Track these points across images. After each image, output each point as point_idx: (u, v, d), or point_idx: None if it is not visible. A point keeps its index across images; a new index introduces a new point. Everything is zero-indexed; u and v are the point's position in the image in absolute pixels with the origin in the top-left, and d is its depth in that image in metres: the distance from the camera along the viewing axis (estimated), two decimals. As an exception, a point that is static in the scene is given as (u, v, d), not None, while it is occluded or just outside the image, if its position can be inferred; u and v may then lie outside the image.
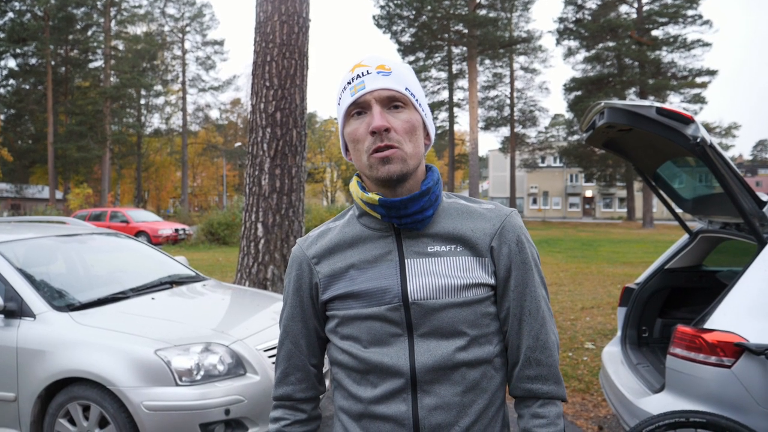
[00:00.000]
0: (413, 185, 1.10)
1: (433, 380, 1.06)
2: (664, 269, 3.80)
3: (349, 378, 1.12)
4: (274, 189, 5.84)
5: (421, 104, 1.10)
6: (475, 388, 1.08)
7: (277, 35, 5.90)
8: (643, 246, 19.33)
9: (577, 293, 9.20)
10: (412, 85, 1.09)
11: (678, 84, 34.24)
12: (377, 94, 1.05)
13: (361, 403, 1.10)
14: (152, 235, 20.43)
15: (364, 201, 1.11)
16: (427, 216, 1.10)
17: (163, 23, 46.81)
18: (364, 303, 1.09)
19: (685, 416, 2.36)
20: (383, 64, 1.07)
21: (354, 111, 1.08)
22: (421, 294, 1.07)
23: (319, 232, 1.21)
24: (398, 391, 1.07)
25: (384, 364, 1.07)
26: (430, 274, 1.08)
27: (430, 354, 1.06)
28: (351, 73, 1.08)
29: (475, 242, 1.10)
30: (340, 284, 1.12)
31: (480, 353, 1.08)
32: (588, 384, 4.73)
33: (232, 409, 2.98)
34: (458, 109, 44.00)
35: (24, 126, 42.68)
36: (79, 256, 4.37)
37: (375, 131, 1.03)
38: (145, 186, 56.91)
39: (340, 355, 1.13)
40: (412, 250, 1.10)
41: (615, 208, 60.87)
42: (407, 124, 1.06)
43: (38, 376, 3.09)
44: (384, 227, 1.12)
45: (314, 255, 1.17)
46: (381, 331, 1.08)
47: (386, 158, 1.04)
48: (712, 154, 2.52)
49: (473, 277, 1.08)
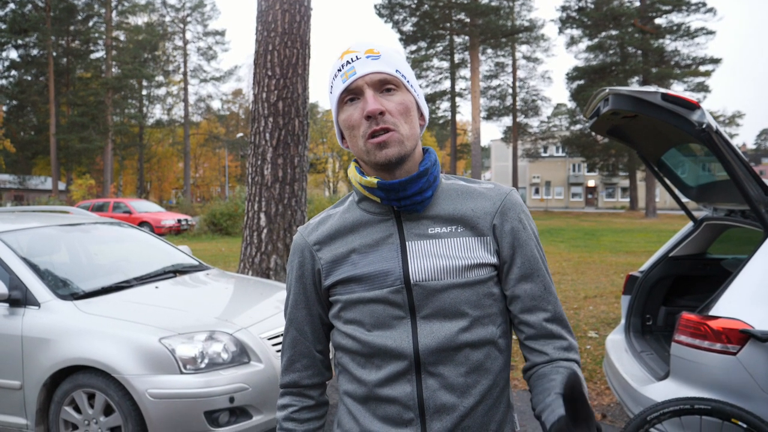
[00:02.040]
0: (411, 167, 1.09)
1: (436, 361, 1.06)
2: (669, 257, 3.79)
3: (354, 362, 1.12)
4: (277, 179, 5.83)
5: (413, 85, 1.10)
6: (479, 369, 1.08)
7: (279, 24, 5.86)
8: (646, 235, 19.30)
9: (580, 282, 9.19)
10: (402, 67, 1.08)
11: (681, 72, 34.01)
12: (369, 78, 1.04)
13: (366, 386, 1.10)
14: (155, 226, 20.47)
15: (363, 185, 1.11)
16: (426, 197, 1.10)
17: (164, 13, 46.66)
18: (366, 286, 1.09)
19: (689, 403, 2.36)
20: (372, 48, 1.07)
21: (347, 98, 1.07)
22: (423, 275, 1.07)
23: (319, 219, 1.21)
24: (403, 373, 1.07)
25: (387, 347, 1.07)
26: (431, 256, 1.08)
27: (434, 335, 1.06)
28: (340, 60, 1.07)
29: (476, 222, 1.10)
30: (342, 269, 1.12)
31: (483, 334, 1.08)
32: (591, 372, 4.73)
33: (236, 397, 2.99)
34: (460, 99, 43.85)
35: (26, 117, 42.71)
36: (83, 245, 4.37)
37: (370, 115, 1.02)
38: (148, 177, 56.96)
39: (344, 340, 1.13)
40: (412, 232, 1.10)
41: (618, 197, 60.76)
42: (401, 105, 1.05)
43: (43, 365, 3.11)
44: (384, 211, 1.12)
45: (315, 241, 1.17)
46: (384, 314, 1.08)
47: (383, 142, 1.03)
48: (717, 140, 2.50)
49: (475, 257, 1.08)
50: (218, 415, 2.98)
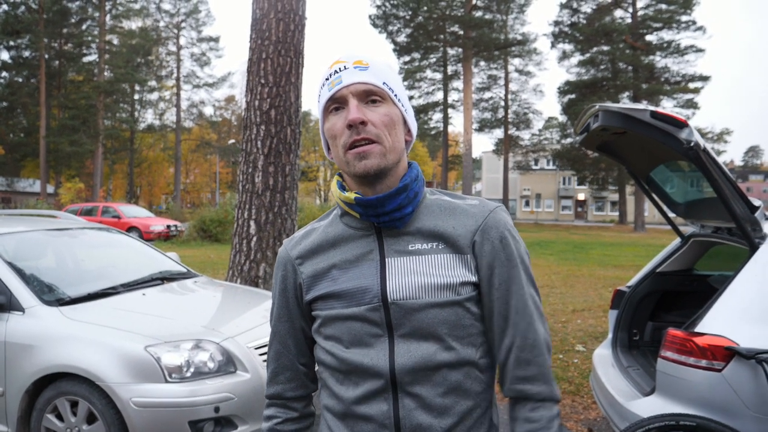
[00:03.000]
0: (393, 182, 1.08)
1: (413, 381, 1.05)
2: (656, 272, 3.81)
3: (333, 378, 1.12)
4: (268, 187, 5.81)
5: (401, 99, 1.09)
6: (457, 390, 1.06)
7: (273, 32, 5.88)
8: (635, 249, 19.43)
9: (569, 296, 9.23)
10: (390, 80, 1.07)
11: (671, 89, 34.50)
12: (354, 88, 1.04)
13: (344, 403, 1.09)
14: (144, 231, 20.33)
15: (342, 200, 1.10)
16: (406, 213, 1.08)
17: (158, 18, 46.64)
18: (344, 303, 1.08)
19: (675, 419, 2.37)
20: (360, 60, 1.06)
21: (332, 106, 1.06)
22: (401, 294, 1.05)
23: (303, 232, 1.21)
24: (379, 392, 1.06)
25: (364, 365, 1.06)
26: (410, 273, 1.06)
27: (410, 355, 1.04)
28: (329, 69, 1.07)
29: (456, 239, 1.08)
30: (322, 284, 1.11)
31: (462, 354, 1.06)
32: (578, 386, 4.74)
33: (221, 407, 2.96)
34: (453, 111, 44.06)
35: (16, 119, 42.39)
36: (70, 250, 4.33)
37: (351, 124, 1.02)
38: (138, 182, 56.62)
39: (324, 355, 1.12)
40: (392, 248, 1.09)
41: (607, 211, 61.19)
42: (386, 117, 1.04)
43: (26, 371, 3.06)
44: (365, 226, 1.11)
45: (298, 255, 1.17)
46: (361, 331, 1.07)
47: (363, 153, 1.02)
48: (705, 158, 2.53)
49: (455, 276, 1.06)
50: (203, 425, 2.94)
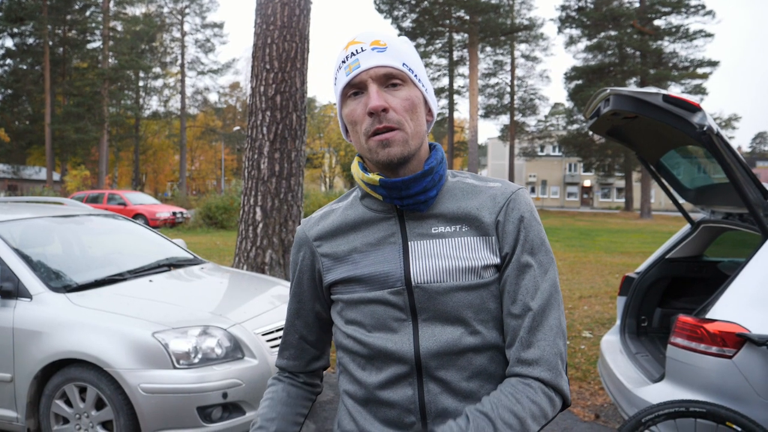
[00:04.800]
0: (416, 165, 1.05)
1: (438, 366, 1.03)
2: (665, 259, 3.78)
3: (354, 363, 1.10)
4: (273, 173, 5.80)
5: (421, 79, 1.05)
6: (482, 374, 1.04)
7: (278, 17, 5.83)
8: (641, 236, 19.36)
9: (575, 282, 9.21)
10: (409, 60, 1.03)
11: (679, 74, 34.11)
12: (373, 72, 0.99)
13: (367, 388, 1.08)
14: (150, 218, 20.39)
15: (365, 182, 1.07)
16: (431, 197, 1.05)
17: (162, 5, 46.37)
18: (367, 287, 1.06)
19: (684, 406, 2.35)
20: (378, 40, 1.02)
21: (350, 92, 1.03)
22: (425, 277, 1.03)
23: (321, 213, 1.18)
24: (404, 377, 1.04)
25: (388, 350, 1.04)
26: (434, 257, 1.04)
27: (435, 339, 1.02)
28: (345, 51, 1.03)
29: (480, 221, 1.05)
30: (343, 268, 1.09)
31: (487, 338, 1.03)
32: (585, 372, 4.73)
33: (229, 393, 2.97)
34: (458, 96, 43.87)
35: (21, 106, 42.39)
36: (77, 237, 4.34)
37: (372, 112, 0.98)
38: (143, 169, 56.68)
39: (345, 340, 1.11)
40: (415, 231, 1.06)
41: (613, 198, 60.94)
42: (407, 102, 1.01)
43: (35, 357, 3.08)
44: (387, 209, 1.08)
45: (316, 237, 1.15)
46: (384, 315, 1.05)
47: (386, 141, 0.99)
48: (718, 142, 2.49)
49: (480, 258, 1.03)
50: (211, 411, 2.96)
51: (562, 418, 3.89)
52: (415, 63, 1.05)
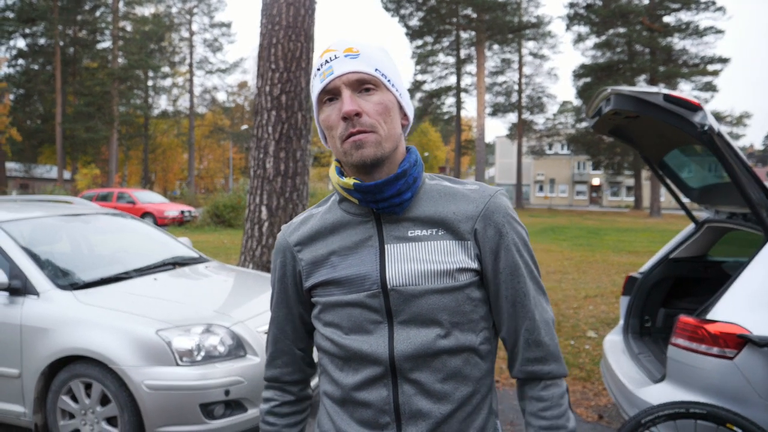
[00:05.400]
0: (391, 168, 1.07)
1: (413, 368, 1.05)
2: (669, 259, 3.77)
3: (332, 364, 1.12)
4: (279, 172, 5.82)
5: (395, 84, 1.07)
6: (457, 376, 1.06)
7: (284, 17, 5.85)
8: (650, 235, 19.23)
9: (581, 281, 9.18)
10: (382, 66, 1.05)
11: (689, 72, 33.81)
12: (345, 78, 1.02)
13: (343, 389, 1.10)
14: (158, 217, 20.51)
15: (341, 186, 1.09)
16: (405, 199, 1.07)
17: (170, 4, 46.55)
18: (344, 290, 1.08)
19: (684, 407, 2.34)
20: (351, 47, 1.04)
21: (326, 98, 1.05)
22: (400, 280, 1.05)
23: (301, 218, 1.20)
24: (379, 378, 1.06)
25: (363, 352, 1.06)
26: (409, 260, 1.06)
27: (410, 342, 1.04)
28: (320, 59, 1.06)
29: (456, 225, 1.07)
30: (321, 271, 1.11)
31: (462, 340, 1.06)
32: (589, 372, 4.73)
33: (231, 390, 3.00)
34: (466, 95, 43.70)
35: (33, 106, 42.74)
36: (84, 235, 4.38)
37: (346, 117, 1.01)
38: (152, 167, 56.98)
39: (323, 342, 1.13)
40: (392, 234, 1.08)
41: (622, 196, 60.58)
42: (380, 105, 1.03)
43: (41, 354, 3.12)
44: (364, 212, 1.10)
45: (296, 242, 1.16)
46: (361, 317, 1.07)
47: (359, 142, 1.01)
48: (719, 142, 2.48)
49: (455, 262, 1.05)
50: (213, 408, 2.99)
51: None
52: (389, 68, 1.07)
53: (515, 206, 47.39)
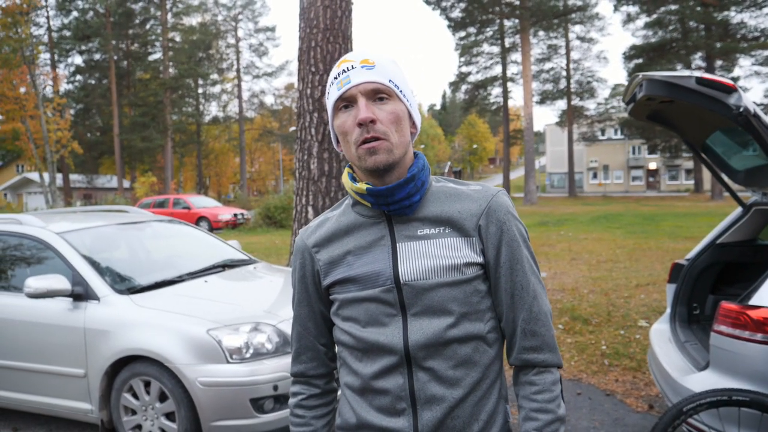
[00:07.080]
0: (401, 173, 1.15)
1: (426, 356, 1.13)
2: (716, 244, 3.67)
3: (351, 356, 1.20)
4: (323, 173, 5.95)
5: (405, 95, 1.15)
6: (467, 363, 1.13)
7: (321, 20, 5.96)
8: (710, 219, 18.44)
9: (633, 270, 8.94)
10: (395, 77, 1.13)
11: (749, 46, 32.12)
12: (362, 88, 1.10)
13: (362, 379, 1.18)
14: (212, 221, 21.18)
15: (354, 191, 1.17)
16: (414, 201, 1.16)
17: (216, 13, 47.95)
18: (360, 286, 1.16)
19: (727, 394, 2.30)
20: (367, 59, 1.12)
21: (341, 105, 1.13)
22: (412, 275, 1.13)
23: (318, 221, 1.29)
24: (395, 367, 1.14)
25: (380, 343, 1.14)
26: (420, 257, 1.14)
27: (422, 332, 1.12)
28: (338, 68, 1.14)
29: (461, 223, 1.16)
30: (338, 270, 1.20)
31: (470, 329, 1.14)
32: (640, 362, 4.64)
33: (279, 385, 3.13)
34: (512, 84, 43.10)
35: (92, 119, 44.97)
36: (139, 242, 4.63)
37: (362, 123, 1.08)
38: (206, 173, 58.78)
39: (342, 335, 1.21)
40: (403, 234, 1.16)
41: (681, 180, 58.22)
42: (392, 114, 1.11)
43: (104, 354, 3.34)
44: (376, 214, 1.19)
45: (314, 244, 1.25)
46: (377, 311, 1.15)
47: (373, 149, 1.09)
48: (756, 123, 2.41)
49: (462, 257, 1.14)
50: (263, 402, 3.12)
51: (614, 408, 3.85)
52: (401, 80, 1.15)
53: (568, 194, 46.31)
